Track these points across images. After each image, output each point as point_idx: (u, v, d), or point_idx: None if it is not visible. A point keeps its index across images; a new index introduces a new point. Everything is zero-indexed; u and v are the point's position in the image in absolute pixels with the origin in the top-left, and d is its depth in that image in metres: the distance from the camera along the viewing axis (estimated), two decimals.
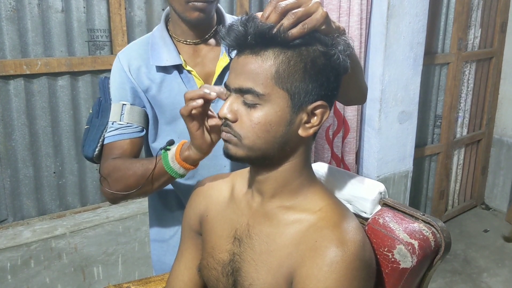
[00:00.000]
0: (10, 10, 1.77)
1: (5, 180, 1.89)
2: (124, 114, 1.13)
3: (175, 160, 0.97)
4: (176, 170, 0.99)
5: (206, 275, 0.92)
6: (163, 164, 0.99)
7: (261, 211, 0.85)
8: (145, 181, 1.02)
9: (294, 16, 0.73)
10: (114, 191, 1.06)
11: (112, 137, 1.13)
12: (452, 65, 3.04)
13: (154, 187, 1.04)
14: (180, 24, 1.14)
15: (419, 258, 0.81)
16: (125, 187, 1.05)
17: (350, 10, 2.23)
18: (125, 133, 1.13)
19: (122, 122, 1.13)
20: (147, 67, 1.14)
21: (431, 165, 3.22)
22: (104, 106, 1.18)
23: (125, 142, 1.13)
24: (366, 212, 0.93)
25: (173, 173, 0.99)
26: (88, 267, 1.99)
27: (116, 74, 1.16)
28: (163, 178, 1.02)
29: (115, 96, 1.15)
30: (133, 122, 1.14)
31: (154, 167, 1.00)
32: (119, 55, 1.17)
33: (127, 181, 1.04)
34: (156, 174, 1.01)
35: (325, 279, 0.72)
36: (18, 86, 1.83)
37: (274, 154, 0.80)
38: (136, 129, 1.14)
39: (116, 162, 1.09)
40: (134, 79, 1.14)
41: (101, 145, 1.15)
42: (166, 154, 1.00)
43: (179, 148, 0.98)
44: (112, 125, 1.14)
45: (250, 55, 0.77)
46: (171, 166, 0.98)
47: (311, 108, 0.78)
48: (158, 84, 1.14)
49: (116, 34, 1.95)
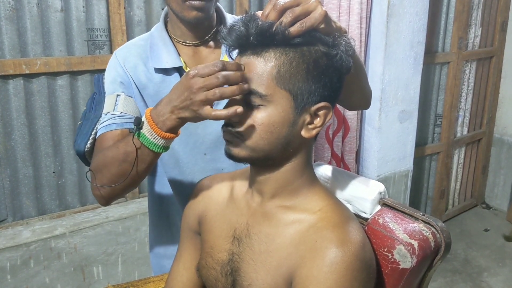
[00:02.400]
0: (9, 10, 1.77)
1: (5, 179, 1.88)
2: (118, 104, 1.08)
3: (155, 133, 0.87)
4: (160, 144, 0.89)
5: (205, 275, 0.92)
6: (142, 143, 0.89)
7: (260, 211, 0.85)
8: (128, 166, 0.92)
9: (292, 14, 0.73)
10: (101, 185, 0.98)
11: (104, 127, 1.06)
12: (452, 64, 3.03)
13: (139, 170, 0.94)
14: (179, 25, 1.12)
15: (419, 259, 0.81)
16: (110, 178, 0.96)
17: (350, 9, 2.22)
18: (117, 122, 1.06)
19: (116, 112, 1.07)
20: (145, 66, 1.12)
21: (431, 165, 3.21)
22: (98, 100, 1.14)
23: (117, 133, 1.05)
24: (366, 212, 0.93)
25: (157, 148, 0.89)
26: (88, 267, 1.99)
27: (112, 69, 1.13)
28: (148, 158, 0.92)
29: (109, 89, 1.11)
30: (127, 112, 1.08)
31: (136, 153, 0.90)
32: (116, 53, 1.14)
33: (110, 170, 0.96)
34: (139, 157, 0.91)
35: (325, 280, 0.71)
36: (17, 85, 1.83)
37: (277, 154, 0.80)
38: (130, 119, 1.06)
39: (101, 153, 1.01)
40: (130, 75, 1.11)
41: (94, 139, 1.09)
42: (142, 134, 0.89)
43: (150, 120, 0.87)
44: (105, 116, 1.08)
45: (252, 56, 0.76)
46: (153, 142, 0.88)
47: (314, 109, 0.78)
48: (157, 84, 1.11)
49: (116, 33, 1.95)
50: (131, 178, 0.95)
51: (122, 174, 0.95)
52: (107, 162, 0.97)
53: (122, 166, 0.94)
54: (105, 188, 0.99)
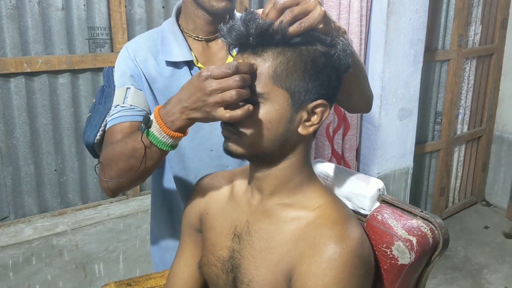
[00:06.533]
0: (11, 8, 1.77)
1: (7, 177, 1.89)
2: (128, 97, 1.08)
3: (163, 132, 0.87)
4: (169, 143, 0.89)
5: (206, 272, 0.93)
6: (151, 141, 0.89)
7: (260, 209, 0.86)
8: (136, 161, 0.93)
9: (291, 14, 0.74)
10: (109, 179, 0.99)
11: (114, 120, 1.07)
12: (452, 61, 3.04)
13: (148, 166, 0.94)
14: (195, 19, 1.12)
15: (417, 255, 0.82)
16: (118, 172, 0.97)
17: (350, 7, 2.23)
18: (127, 115, 1.07)
19: (125, 105, 1.07)
20: (156, 60, 1.12)
21: (431, 162, 3.22)
22: (107, 92, 1.15)
23: (126, 125, 1.05)
24: (365, 209, 0.93)
25: (165, 146, 0.89)
26: (89, 264, 2.00)
27: (122, 62, 1.13)
28: (155, 155, 0.92)
29: (118, 81, 1.11)
30: (137, 105, 1.08)
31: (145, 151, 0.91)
32: (126, 45, 1.15)
33: (118, 164, 0.96)
34: (147, 153, 0.92)
35: (324, 276, 0.72)
36: (19, 84, 1.83)
37: (274, 151, 0.81)
38: (140, 112, 1.08)
39: (111, 146, 1.02)
40: (141, 68, 1.11)
41: (103, 131, 1.10)
42: (151, 132, 0.89)
43: (159, 119, 0.87)
44: (115, 108, 1.08)
45: (251, 55, 0.77)
46: (161, 140, 0.88)
47: (312, 106, 0.78)
48: (166, 78, 1.11)
49: (116, 31, 1.95)
50: (139, 173, 0.95)
51: (130, 169, 0.95)
52: (116, 157, 0.97)
53: (130, 161, 0.94)
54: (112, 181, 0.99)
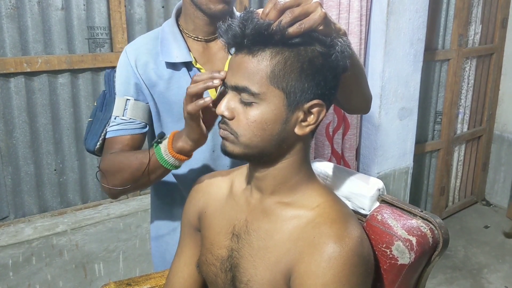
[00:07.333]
0: (11, 8, 1.77)
1: (6, 177, 1.89)
2: (127, 109, 1.12)
3: (168, 153, 0.97)
4: (171, 162, 0.98)
5: (205, 271, 0.93)
6: (157, 158, 0.98)
7: (259, 208, 0.86)
8: (141, 174, 1.01)
9: (292, 14, 0.73)
10: (112, 186, 1.05)
11: (114, 132, 1.12)
12: (452, 61, 3.03)
13: (151, 179, 1.03)
14: (194, 20, 1.12)
15: (417, 254, 0.82)
16: (122, 181, 1.04)
17: (350, 6, 2.22)
18: (127, 128, 1.12)
19: (125, 118, 1.12)
20: (155, 62, 1.13)
21: (431, 162, 3.22)
22: (108, 100, 1.17)
23: (126, 138, 1.12)
24: (365, 208, 0.93)
25: (168, 166, 0.99)
26: (89, 264, 2.00)
27: (122, 68, 1.14)
28: (159, 170, 1.01)
29: (119, 90, 1.14)
30: (136, 118, 1.13)
31: (148, 162, 1.00)
32: (126, 49, 1.15)
33: (123, 175, 1.04)
34: (151, 167, 1.00)
35: (323, 275, 0.72)
36: (18, 83, 1.83)
37: (271, 151, 0.81)
38: (139, 125, 1.13)
39: (114, 156, 1.08)
40: (140, 75, 1.12)
41: (103, 139, 1.14)
42: (158, 147, 0.98)
43: (171, 139, 0.97)
44: (115, 120, 1.12)
45: (247, 55, 0.77)
46: (165, 159, 0.98)
47: (308, 106, 0.78)
48: (166, 80, 1.12)
49: (116, 31, 1.95)
50: (142, 183, 1.04)
51: (135, 180, 1.03)
52: (122, 168, 1.04)
53: (136, 174, 1.02)
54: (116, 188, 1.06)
